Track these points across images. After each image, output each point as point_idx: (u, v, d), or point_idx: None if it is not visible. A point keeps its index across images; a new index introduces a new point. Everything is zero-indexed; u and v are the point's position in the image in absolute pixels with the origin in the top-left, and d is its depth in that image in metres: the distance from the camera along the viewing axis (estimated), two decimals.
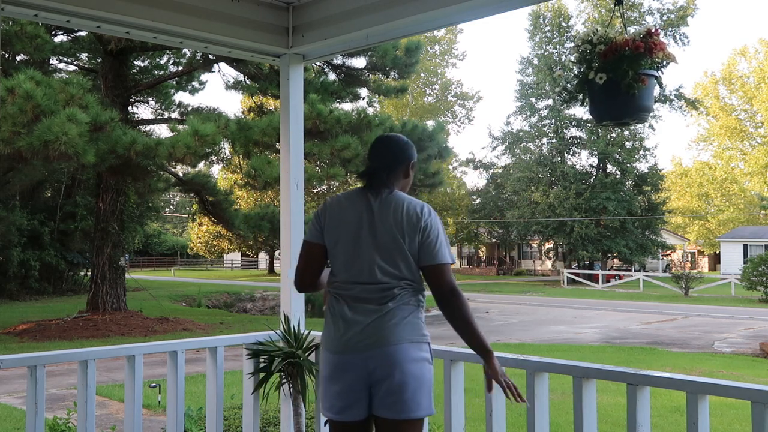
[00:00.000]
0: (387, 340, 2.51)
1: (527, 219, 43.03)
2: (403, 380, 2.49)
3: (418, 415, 2.53)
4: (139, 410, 3.44)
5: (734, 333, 17.60)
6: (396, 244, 2.57)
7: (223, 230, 35.49)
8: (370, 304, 2.56)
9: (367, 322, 2.54)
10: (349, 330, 2.56)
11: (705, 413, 2.51)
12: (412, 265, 2.58)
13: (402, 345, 2.51)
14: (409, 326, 2.55)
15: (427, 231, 2.58)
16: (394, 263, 2.57)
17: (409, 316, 2.56)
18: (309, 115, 13.97)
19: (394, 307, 2.55)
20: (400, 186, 2.74)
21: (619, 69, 2.68)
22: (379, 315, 2.54)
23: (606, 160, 43.18)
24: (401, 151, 2.76)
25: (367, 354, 2.52)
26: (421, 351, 2.56)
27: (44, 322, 16.58)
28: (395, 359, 2.50)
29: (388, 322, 2.53)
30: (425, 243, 2.57)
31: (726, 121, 56.83)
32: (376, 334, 2.52)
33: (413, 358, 2.52)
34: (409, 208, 2.61)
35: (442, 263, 2.57)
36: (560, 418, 6.81)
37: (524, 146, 46.15)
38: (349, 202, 2.68)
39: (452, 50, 51.30)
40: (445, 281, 2.55)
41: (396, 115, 40.67)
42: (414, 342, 2.54)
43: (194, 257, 58.39)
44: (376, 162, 2.73)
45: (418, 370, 2.52)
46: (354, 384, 2.55)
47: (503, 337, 16.39)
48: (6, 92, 11.20)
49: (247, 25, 3.61)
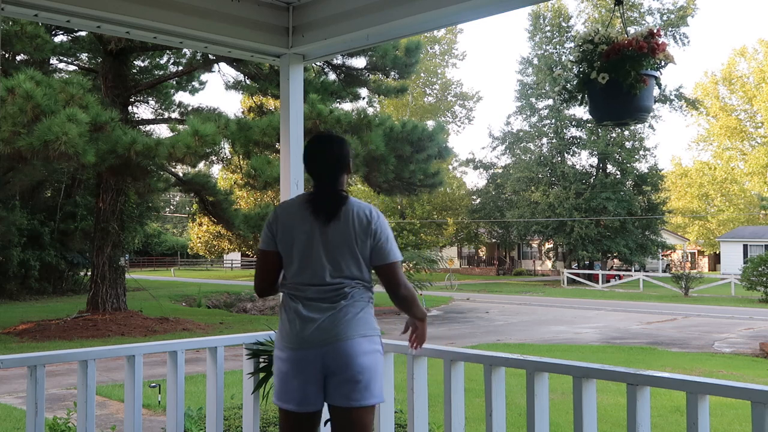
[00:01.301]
0: (341, 335, 2.69)
1: (527, 219, 43.04)
2: (357, 372, 2.68)
3: (371, 403, 2.74)
4: (139, 410, 3.44)
5: (734, 333, 17.60)
6: (348, 247, 2.74)
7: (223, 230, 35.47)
8: (323, 303, 2.74)
9: (322, 319, 2.71)
10: (305, 328, 2.72)
11: (705, 413, 2.51)
12: (363, 265, 2.77)
13: (355, 339, 2.70)
14: (360, 322, 2.73)
15: (378, 233, 2.75)
16: (346, 265, 2.74)
17: (360, 313, 2.75)
18: (309, 115, 13.97)
19: (347, 305, 2.73)
20: (344, 184, 2.88)
21: (621, 69, 2.67)
22: (333, 312, 2.72)
23: (606, 160, 43.18)
24: (341, 153, 2.88)
25: (324, 349, 2.69)
26: (372, 344, 2.75)
27: (44, 322, 16.58)
28: (349, 353, 2.68)
29: (342, 319, 2.71)
30: (377, 245, 2.75)
31: (726, 121, 56.83)
32: (331, 331, 2.70)
33: (365, 351, 2.71)
34: (358, 212, 2.77)
35: (393, 261, 2.77)
36: (560, 418, 6.81)
37: (524, 146, 46.14)
38: (299, 209, 2.82)
39: (452, 50, 51.33)
40: (396, 278, 2.78)
41: (396, 115, 40.69)
42: (366, 336, 2.73)
43: (194, 257, 58.37)
44: (319, 168, 2.86)
45: (370, 362, 2.72)
46: (312, 377, 2.72)
47: (503, 337, 16.39)
48: (6, 92, 11.20)
49: (247, 25, 3.61)
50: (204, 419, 5.11)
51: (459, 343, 15.08)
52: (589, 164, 45.33)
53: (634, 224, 41.52)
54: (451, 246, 53.07)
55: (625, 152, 42.42)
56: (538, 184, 42.89)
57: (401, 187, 17.69)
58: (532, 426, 2.93)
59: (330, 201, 2.78)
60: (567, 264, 44.10)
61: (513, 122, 53.33)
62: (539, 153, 44.76)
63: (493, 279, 45.93)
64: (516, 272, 51.36)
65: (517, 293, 32.53)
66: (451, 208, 49.00)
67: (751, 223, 52.50)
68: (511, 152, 47.22)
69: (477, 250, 56.66)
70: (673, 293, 31.40)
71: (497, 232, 51.17)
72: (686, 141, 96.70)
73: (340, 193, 2.81)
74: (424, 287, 23.05)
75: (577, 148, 44.82)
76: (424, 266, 24.22)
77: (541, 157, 44.33)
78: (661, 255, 49.00)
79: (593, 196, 40.87)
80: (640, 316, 21.54)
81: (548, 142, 44.97)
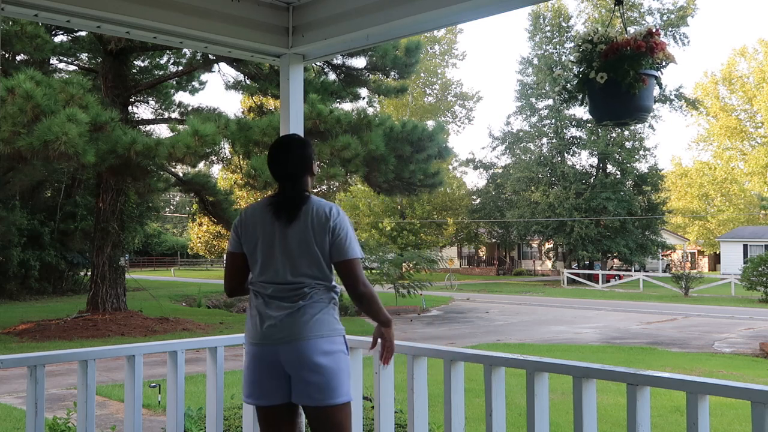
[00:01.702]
0: (298, 335, 2.73)
1: (527, 219, 43.04)
2: (315, 372, 2.71)
3: (336, 402, 2.74)
4: (139, 410, 3.44)
5: (734, 333, 17.60)
6: (307, 246, 2.77)
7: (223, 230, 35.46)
8: (283, 301, 2.77)
9: (280, 318, 2.75)
10: (263, 324, 2.78)
11: (705, 413, 2.51)
12: (323, 265, 2.78)
13: (312, 340, 2.72)
14: (319, 322, 2.75)
15: (337, 230, 2.77)
16: (306, 264, 2.77)
17: (319, 313, 2.76)
18: (309, 115, 13.98)
19: (305, 305, 2.75)
20: (307, 185, 2.93)
21: (620, 68, 2.67)
22: (291, 311, 2.75)
23: (606, 160, 43.18)
24: (302, 155, 2.92)
25: (281, 347, 2.74)
26: (333, 344, 2.76)
27: (44, 322, 16.58)
28: (305, 354, 2.71)
29: (299, 319, 2.74)
30: (335, 241, 2.76)
31: (726, 121, 56.83)
32: (288, 330, 2.74)
33: (324, 351, 2.72)
34: (318, 211, 2.80)
35: (352, 258, 2.77)
36: (560, 418, 6.81)
37: (524, 146, 46.14)
38: (262, 211, 2.89)
39: (452, 50, 51.32)
40: (355, 274, 2.77)
41: (396, 115, 40.68)
42: (325, 336, 2.74)
43: (194, 257, 58.36)
44: (280, 170, 2.91)
45: (330, 362, 2.73)
46: (270, 372, 2.77)
47: (503, 337, 16.39)
48: (6, 92, 11.20)
49: (247, 25, 3.61)
50: (204, 419, 5.11)
51: (459, 343, 15.08)
52: (589, 164, 45.36)
53: (634, 224, 41.52)
54: (451, 246, 53.08)
55: (625, 152, 42.41)
56: (538, 184, 42.89)
57: (401, 187, 17.69)
58: (532, 426, 2.93)
59: (290, 202, 2.84)
60: (567, 264, 44.10)
61: (513, 122, 53.41)
62: (539, 153, 44.75)
63: (493, 279, 45.93)
64: (516, 272, 51.35)
65: (517, 293, 32.53)
66: (451, 208, 49.00)
67: (751, 223, 52.50)
68: (511, 152, 47.22)
69: (477, 250, 56.66)
70: (673, 293, 31.40)
71: (497, 232, 51.17)
72: (686, 141, 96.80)
73: (302, 194, 2.86)
74: (424, 287, 23.10)
75: (577, 148, 44.83)
76: (424, 266, 24.27)
77: (541, 157, 44.32)
78: (661, 255, 49.00)
79: (593, 196, 40.87)
80: (640, 316, 21.54)
81: (548, 142, 44.96)
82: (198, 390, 8.05)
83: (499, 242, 53.13)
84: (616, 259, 44.60)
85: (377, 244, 32.38)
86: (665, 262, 51.61)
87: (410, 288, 22.67)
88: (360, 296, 2.77)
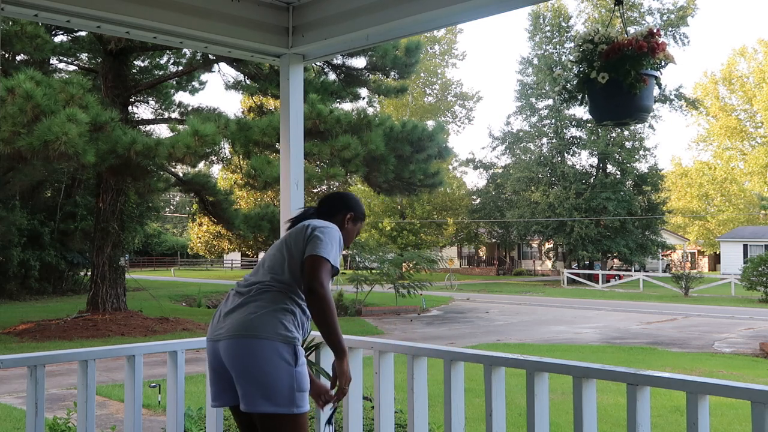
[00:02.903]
0: (233, 333, 2.56)
1: (527, 219, 43.03)
2: (247, 374, 2.53)
3: (268, 411, 2.52)
4: (139, 410, 3.44)
5: (734, 333, 17.60)
6: (287, 246, 2.72)
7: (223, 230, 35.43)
8: (237, 296, 2.68)
9: (227, 313, 2.64)
10: (215, 318, 2.71)
11: (705, 413, 2.51)
12: (292, 267, 2.66)
13: (246, 339, 2.54)
14: (258, 322, 2.56)
15: (314, 233, 2.67)
16: (277, 261, 2.70)
17: (262, 312, 2.58)
18: (309, 115, 13.97)
19: (249, 302, 2.61)
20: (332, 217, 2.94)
21: (621, 68, 2.67)
22: (235, 306, 2.63)
23: (606, 160, 43.18)
24: (339, 201, 3.00)
25: (220, 343, 2.61)
26: (271, 347, 2.53)
27: (44, 322, 16.58)
28: (237, 353, 2.54)
29: (238, 316, 2.59)
30: (309, 241, 2.64)
31: (726, 121, 56.84)
32: (228, 325, 2.60)
33: (258, 353, 2.52)
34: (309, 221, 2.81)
35: (317, 255, 2.58)
36: (560, 418, 6.81)
37: (524, 146, 46.14)
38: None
39: (452, 50, 51.32)
40: (313, 272, 2.55)
41: (396, 115, 40.68)
42: (261, 338, 2.53)
43: (194, 257, 58.35)
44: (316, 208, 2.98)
45: (267, 367, 2.51)
46: (217, 371, 2.66)
47: (503, 337, 16.39)
48: (6, 92, 11.20)
49: (247, 25, 3.61)
50: (204, 419, 5.11)
51: (459, 343, 15.08)
52: (589, 164, 45.36)
53: (634, 224, 41.52)
54: (451, 246, 53.08)
55: (625, 152, 42.41)
56: (538, 184, 42.89)
57: (401, 187, 17.69)
58: (532, 426, 2.93)
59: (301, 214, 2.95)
60: (567, 264, 44.09)
61: (513, 122, 53.39)
62: (539, 153, 44.75)
63: (493, 279, 45.93)
64: (516, 272, 51.35)
65: (517, 293, 32.53)
66: (451, 208, 48.99)
67: (751, 223, 52.49)
68: (511, 152, 47.21)
69: (477, 250, 56.66)
70: (673, 293, 31.40)
71: (497, 232, 51.17)
72: (686, 141, 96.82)
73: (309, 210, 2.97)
74: (424, 287, 23.10)
75: (577, 148, 44.83)
76: (424, 266, 24.26)
77: (541, 157, 44.32)
78: (661, 255, 49.00)
79: (593, 196, 40.87)
80: (640, 316, 21.54)
81: (548, 142, 44.97)
82: (198, 390, 8.05)
83: (499, 242, 53.13)
84: (616, 259, 44.60)
85: (377, 244, 32.36)
86: (665, 262, 51.61)
87: (410, 288, 22.67)
88: (312, 292, 2.51)
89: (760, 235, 45.01)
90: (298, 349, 2.59)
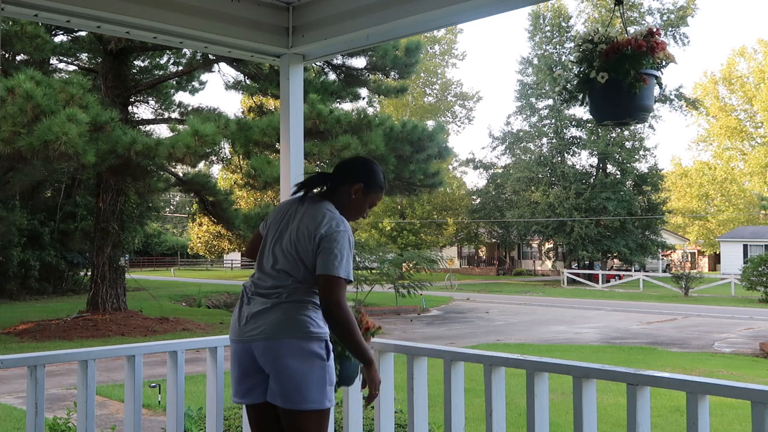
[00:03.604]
0: (269, 334, 2.65)
1: (527, 219, 43.03)
2: (285, 373, 2.62)
3: (304, 408, 2.63)
4: (139, 410, 3.44)
5: (734, 333, 17.60)
6: (295, 246, 2.70)
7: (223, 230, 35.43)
8: (262, 297, 2.72)
9: (255, 315, 2.70)
10: (241, 320, 2.75)
11: (705, 413, 2.51)
12: (308, 268, 2.69)
13: (283, 340, 2.63)
14: (292, 323, 2.65)
15: (323, 245, 2.64)
16: (291, 264, 2.71)
17: (294, 313, 2.66)
18: (309, 115, 13.97)
19: (279, 304, 2.68)
20: (340, 202, 2.83)
21: (620, 68, 2.67)
22: (265, 308, 2.69)
23: (606, 160, 43.18)
24: (350, 169, 2.90)
25: (254, 345, 2.69)
26: (306, 346, 2.63)
27: (44, 322, 16.58)
28: (275, 354, 2.64)
29: (271, 318, 2.67)
30: (319, 254, 2.64)
31: (726, 121, 56.84)
32: (260, 328, 2.68)
33: (295, 353, 2.62)
34: (317, 215, 2.72)
35: (329, 275, 2.61)
36: (560, 418, 6.81)
37: (524, 146, 46.14)
38: (287, 205, 2.90)
39: (452, 50, 51.32)
40: (329, 295, 2.60)
41: (396, 115, 40.67)
42: (297, 338, 2.63)
43: (194, 257, 58.36)
44: (325, 173, 2.93)
45: (302, 365, 2.62)
46: (248, 370, 2.73)
47: (503, 337, 16.39)
48: (6, 92, 11.20)
49: (247, 25, 3.61)
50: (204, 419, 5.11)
51: (459, 343, 15.08)
52: (589, 164, 45.37)
53: (634, 224, 41.51)
54: (451, 246, 53.07)
55: (625, 152, 42.42)
56: (538, 184, 42.89)
57: (401, 187, 17.69)
58: (532, 426, 2.93)
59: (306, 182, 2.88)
60: (567, 264, 44.09)
61: (513, 122, 53.38)
62: (539, 153, 44.76)
63: (493, 279, 45.93)
64: (516, 272, 51.35)
65: (517, 293, 32.53)
66: (451, 208, 48.99)
67: (751, 223, 52.49)
68: (511, 152, 47.22)
69: (477, 250, 56.66)
70: (673, 293, 31.40)
71: (497, 232, 51.17)
72: (686, 141, 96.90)
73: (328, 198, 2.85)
74: (424, 287, 23.09)
75: (577, 148, 44.83)
76: (424, 266, 24.24)
77: (541, 157, 44.32)
78: (661, 255, 49.00)
79: (593, 196, 40.87)
80: (640, 316, 21.54)
81: (548, 142, 44.97)
82: (198, 390, 8.05)
83: (499, 242, 53.13)
84: (616, 259, 44.60)
85: (377, 244, 32.34)
86: (665, 262, 51.60)
87: (410, 288, 22.65)
88: (329, 314, 2.61)
89: (760, 235, 45.01)
90: (329, 344, 2.72)
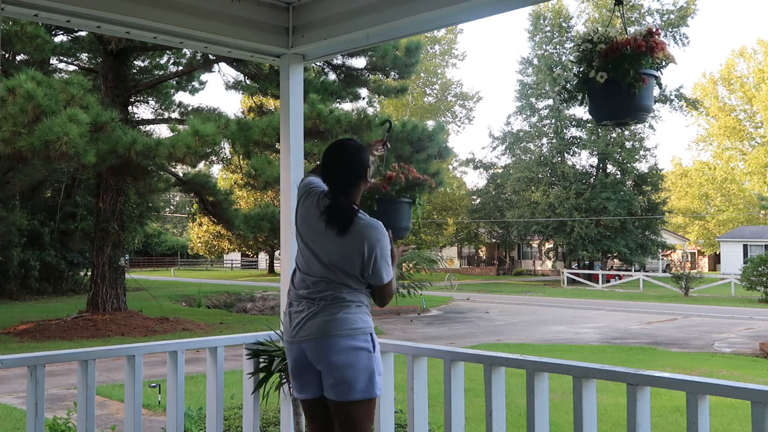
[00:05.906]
0: (318, 334, 2.82)
1: (527, 219, 43.03)
2: (334, 368, 2.79)
3: (355, 398, 2.81)
4: (139, 410, 3.44)
5: (734, 333, 17.60)
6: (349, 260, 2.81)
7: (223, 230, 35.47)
8: (308, 299, 2.87)
9: (304, 317, 2.86)
10: (292, 322, 2.90)
11: (705, 413, 2.51)
12: (350, 273, 2.83)
13: (331, 339, 2.80)
14: (339, 321, 2.81)
15: (373, 257, 2.81)
16: (340, 268, 2.83)
17: (340, 312, 2.82)
18: (309, 115, 13.97)
19: (326, 305, 2.83)
20: (359, 194, 2.95)
21: (620, 68, 2.67)
22: (313, 310, 2.84)
23: (606, 160, 43.17)
24: (359, 161, 2.91)
25: (305, 345, 2.86)
26: (353, 341, 2.81)
27: (44, 322, 16.58)
28: (325, 351, 2.81)
29: (319, 318, 2.83)
30: (373, 265, 2.81)
31: (725, 121, 56.84)
32: (309, 329, 2.84)
33: (342, 348, 2.79)
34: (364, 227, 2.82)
35: (385, 284, 2.87)
36: (560, 418, 6.81)
37: (524, 146, 46.13)
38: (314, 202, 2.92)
39: (452, 50, 51.30)
40: (387, 298, 2.92)
41: (396, 115, 40.70)
42: (343, 336, 2.80)
43: (194, 257, 58.39)
44: (335, 177, 2.89)
45: (351, 359, 2.80)
46: (302, 368, 2.90)
47: (503, 337, 16.39)
48: (7, 92, 11.20)
49: (247, 25, 3.61)
50: (204, 419, 5.12)
51: (459, 343, 15.08)
52: (589, 164, 45.36)
53: (634, 224, 41.50)
54: (451, 246, 53.06)
55: (625, 152, 42.41)
56: (538, 184, 42.88)
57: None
58: (532, 426, 2.93)
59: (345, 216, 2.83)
60: (567, 264, 44.09)
61: (513, 122, 53.29)
62: (539, 153, 44.75)
63: (493, 279, 45.92)
64: (516, 272, 51.34)
65: (517, 293, 32.53)
66: (451, 208, 48.99)
67: (751, 223, 52.49)
68: (511, 152, 47.20)
69: (477, 250, 56.65)
70: (673, 293, 31.40)
71: (497, 232, 51.16)
72: (686, 141, 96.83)
73: (354, 207, 2.86)
74: (424, 287, 23.08)
75: (577, 148, 44.82)
76: (424, 266, 24.23)
77: (541, 157, 44.32)
78: (661, 255, 48.98)
79: (593, 196, 40.86)
80: (640, 316, 21.53)
81: (548, 142, 44.96)
82: (198, 390, 8.05)
83: (499, 242, 53.12)
84: (616, 259, 44.59)
85: None
86: (665, 262, 51.58)
87: (410, 288, 22.59)
88: (384, 306, 2.96)
89: (760, 235, 45.00)
90: (374, 336, 2.89)
